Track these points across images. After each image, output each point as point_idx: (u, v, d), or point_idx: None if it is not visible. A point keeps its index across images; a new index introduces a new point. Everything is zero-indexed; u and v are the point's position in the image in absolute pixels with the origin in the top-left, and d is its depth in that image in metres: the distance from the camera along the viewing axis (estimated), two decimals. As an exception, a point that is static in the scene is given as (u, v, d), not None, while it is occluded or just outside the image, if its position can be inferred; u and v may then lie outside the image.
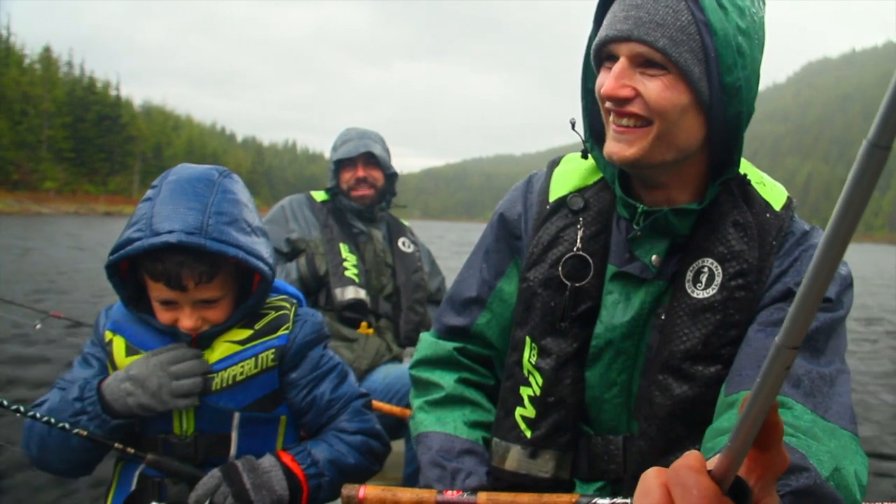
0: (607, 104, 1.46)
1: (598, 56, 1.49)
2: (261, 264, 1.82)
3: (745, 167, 1.60)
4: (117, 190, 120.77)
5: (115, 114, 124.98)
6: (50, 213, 76.23)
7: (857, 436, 1.33)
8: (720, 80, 1.41)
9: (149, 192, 1.85)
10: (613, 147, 1.48)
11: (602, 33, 1.44)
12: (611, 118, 1.48)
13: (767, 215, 1.54)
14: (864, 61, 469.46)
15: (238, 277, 1.93)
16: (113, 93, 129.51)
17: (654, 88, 1.40)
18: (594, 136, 1.66)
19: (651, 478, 0.71)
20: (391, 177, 3.92)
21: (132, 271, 1.88)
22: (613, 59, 1.45)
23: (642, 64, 1.41)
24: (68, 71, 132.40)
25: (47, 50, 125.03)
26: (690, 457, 0.68)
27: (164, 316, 1.83)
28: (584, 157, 1.71)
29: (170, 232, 1.70)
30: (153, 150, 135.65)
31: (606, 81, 1.43)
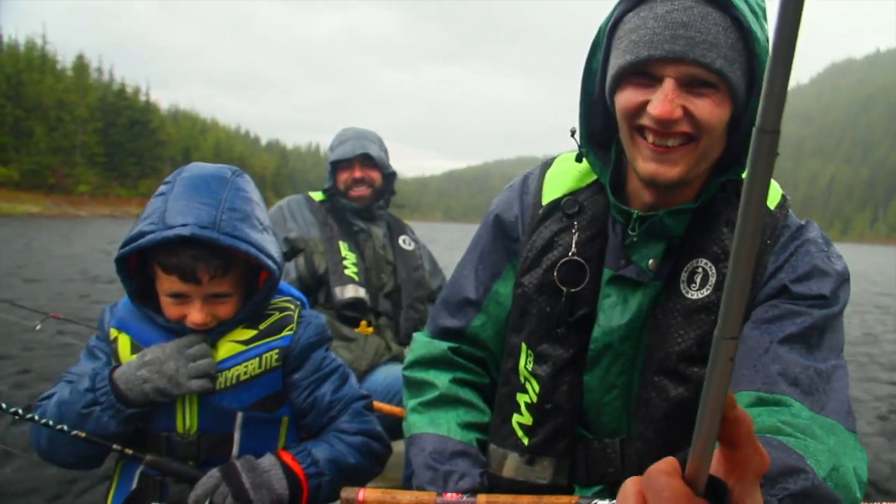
0: (645, 122, 1.42)
1: (626, 72, 1.43)
2: (270, 262, 1.84)
3: None
4: (147, 193, 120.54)
5: (145, 119, 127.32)
6: (87, 215, 78.34)
7: (854, 431, 1.32)
8: (760, 87, 1.38)
9: (161, 188, 1.87)
10: (656, 168, 1.44)
11: (642, 52, 1.37)
12: (649, 138, 1.43)
13: None
14: (889, 62, 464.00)
15: (246, 274, 1.95)
16: (143, 98, 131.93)
17: (706, 107, 1.38)
18: (591, 140, 1.64)
19: (628, 486, 0.73)
20: (389, 176, 3.90)
21: (140, 266, 1.90)
22: (648, 76, 1.40)
23: (690, 82, 1.38)
24: (98, 77, 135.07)
25: (80, 57, 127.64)
26: (663, 462, 0.69)
27: (172, 310, 1.84)
28: (579, 160, 1.68)
29: (183, 225, 1.72)
30: (182, 153, 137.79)
31: (657, 104, 1.37)
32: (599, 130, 1.62)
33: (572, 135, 1.64)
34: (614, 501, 1.40)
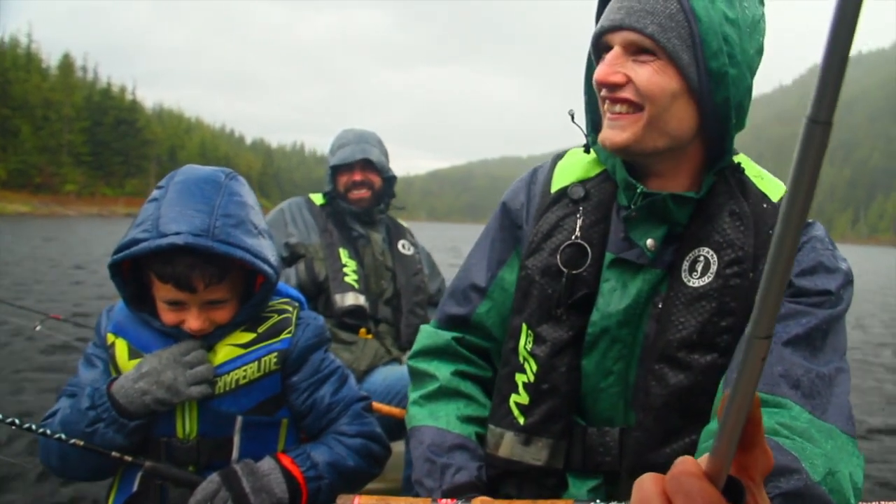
0: (602, 91, 1.51)
1: (597, 48, 1.55)
2: (266, 267, 1.82)
3: (744, 162, 1.62)
4: (134, 192, 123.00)
5: (131, 118, 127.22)
6: (75, 215, 78.36)
7: (854, 437, 1.32)
8: (706, 66, 1.45)
9: (155, 193, 1.84)
10: (607, 133, 1.52)
11: (598, 26, 1.52)
12: (605, 106, 1.52)
13: (764, 205, 1.56)
14: (871, 63, 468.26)
15: (243, 278, 1.93)
16: (129, 97, 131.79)
17: (644, 74, 1.45)
18: (596, 131, 1.68)
19: (649, 485, 0.68)
20: (389, 179, 3.86)
21: (134, 270, 1.88)
22: (610, 49, 1.50)
23: (634, 52, 1.46)
24: (83, 76, 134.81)
25: (66, 56, 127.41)
26: (688, 463, 0.66)
27: (168, 317, 1.83)
28: (587, 151, 1.73)
29: (177, 234, 1.69)
30: (168, 152, 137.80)
31: (599, 68, 1.49)
32: None
33: (572, 118, 1.69)
34: None
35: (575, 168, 1.77)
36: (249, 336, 1.91)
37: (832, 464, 1.18)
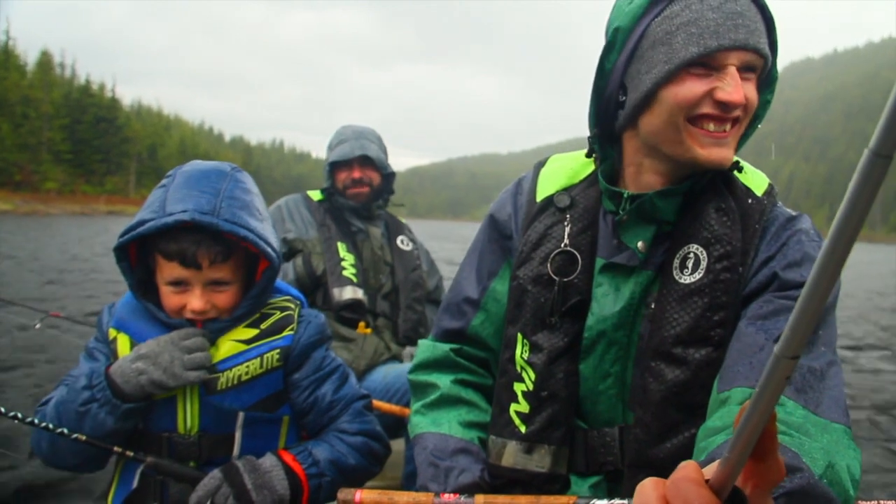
0: (706, 109, 1.46)
1: (688, 64, 1.45)
2: (269, 250, 1.83)
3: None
4: (114, 190, 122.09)
5: (111, 115, 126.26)
6: (58, 213, 78.02)
7: (849, 428, 1.32)
8: (770, 73, 1.53)
9: (163, 181, 1.87)
10: (718, 152, 1.48)
11: (710, 42, 1.42)
12: (709, 126, 1.47)
13: (749, 200, 1.56)
14: (846, 61, 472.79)
15: (245, 268, 1.95)
16: (109, 94, 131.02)
17: (752, 91, 1.47)
18: (602, 139, 1.68)
19: (649, 489, 0.68)
20: (388, 176, 3.84)
21: (140, 260, 1.89)
22: (707, 66, 1.45)
23: (741, 69, 1.45)
24: (61, 73, 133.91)
25: (45, 53, 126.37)
26: (689, 468, 0.66)
27: (172, 300, 1.83)
28: (589, 155, 1.74)
29: (183, 211, 1.72)
30: (148, 150, 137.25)
31: (731, 90, 1.42)
32: (604, 127, 1.67)
33: (589, 137, 1.70)
34: (613, 501, 1.37)
35: (558, 175, 1.78)
36: (252, 332, 1.91)
37: (830, 457, 1.17)
